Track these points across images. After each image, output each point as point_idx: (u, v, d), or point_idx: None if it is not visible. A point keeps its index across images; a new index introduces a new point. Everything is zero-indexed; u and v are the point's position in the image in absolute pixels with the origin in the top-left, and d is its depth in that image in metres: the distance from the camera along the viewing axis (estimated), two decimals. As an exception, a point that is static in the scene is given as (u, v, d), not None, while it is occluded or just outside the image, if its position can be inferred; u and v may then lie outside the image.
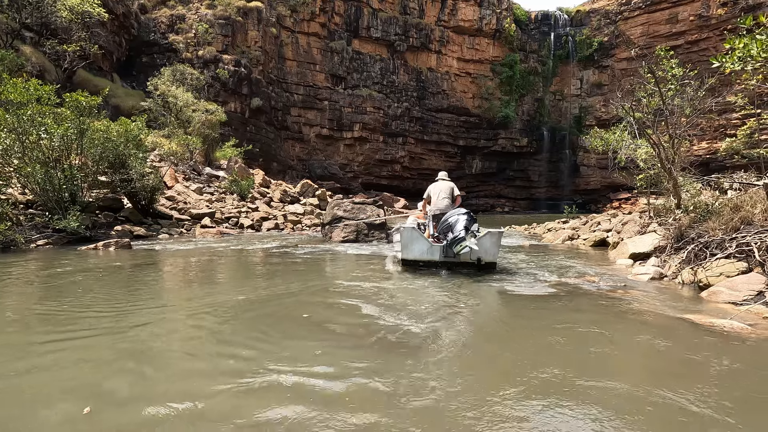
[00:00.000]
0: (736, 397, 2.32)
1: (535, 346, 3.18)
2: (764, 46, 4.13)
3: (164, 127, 21.29)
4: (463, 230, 6.09)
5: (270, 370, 2.58)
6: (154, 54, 29.78)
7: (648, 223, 8.85)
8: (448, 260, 6.37)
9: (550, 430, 1.95)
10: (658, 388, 2.38)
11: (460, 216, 6.32)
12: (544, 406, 2.16)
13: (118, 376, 2.53)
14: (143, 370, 2.61)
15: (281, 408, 2.13)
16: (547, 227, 15.26)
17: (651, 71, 7.77)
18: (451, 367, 2.68)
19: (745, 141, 15.64)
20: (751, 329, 3.44)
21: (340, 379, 2.48)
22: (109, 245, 9.05)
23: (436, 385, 2.40)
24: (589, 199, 43.49)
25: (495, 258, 6.38)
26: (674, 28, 38.84)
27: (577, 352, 3.01)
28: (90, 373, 2.59)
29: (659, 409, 2.14)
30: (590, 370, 2.67)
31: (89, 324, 3.60)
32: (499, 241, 6.36)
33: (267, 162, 31.87)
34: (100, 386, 2.40)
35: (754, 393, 2.40)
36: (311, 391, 2.31)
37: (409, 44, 42.48)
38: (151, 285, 5.43)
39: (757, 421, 2.07)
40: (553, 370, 2.61)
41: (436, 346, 3.06)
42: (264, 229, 15.06)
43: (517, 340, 3.36)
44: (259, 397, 2.24)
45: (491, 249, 6.29)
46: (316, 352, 2.92)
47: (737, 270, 4.79)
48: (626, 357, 3.03)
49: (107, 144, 11.46)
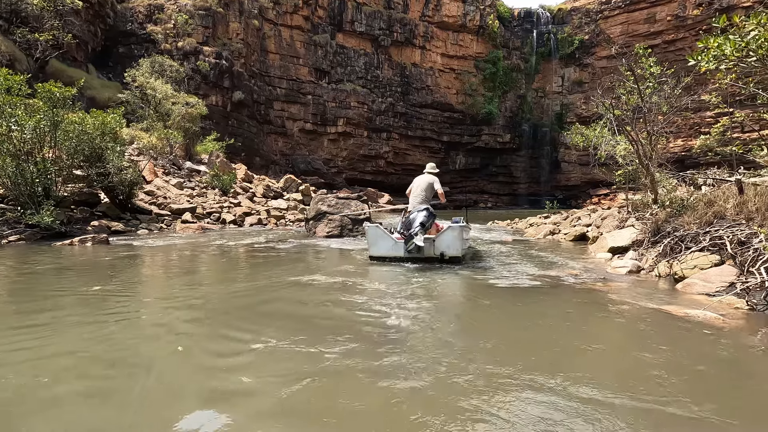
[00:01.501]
0: (705, 381, 2.41)
1: (514, 336, 3.23)
2: (736, 45, 4.26)
3: (143, 120, 20.75)
4: (419, 227, 6.34)
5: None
6: (131, 45, 28.95)
7: (626, 218, 9.07)
8: (411, 256, 6.53)
9: (527, 415, 1.98)
10: (633, 376, 2.45)
11: (419, 213, 6.58)
12: (518, 394, 2.20)
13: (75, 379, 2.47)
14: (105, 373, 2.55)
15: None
16: (529, 222, 15.49)
17: (630, 69, 7.93)
18: (428, 355, 2.70)
19: (718, 138, 16.16)
20: (723, 319, 3.57)
21: (316, 368, 2.47)
22: (86, 241, 8.79)
23: (412, 368, 2.42)
24: (570, 194, 44.30)
25: (458, 252, 6.42)
26: (652, 28, 39.76)
27: (555, 341, 3.07)
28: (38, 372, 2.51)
29: (634, 393, 2.20)
30: (568, 358, 2.72)
31: (52, 318, 3.50)
32: (461, 235, 6.39)
33: (249, 157, 31.42)
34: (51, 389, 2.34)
35: (722, 378, 2.49)
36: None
37: (394, 39, 42.38)
38: (129, 281, 5.30)
39: (721, 402, 2.17)
40: (531, 358, 2.66)
41: (414, 336, 3.07)
42: (247, 225, 14.86)
43: (495, 330, 3.41)
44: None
45: (453, 243, 6.38)
46: (295, 345, 2.90)
47: (710, 263, 4.95)
48: (603, 346, 3.11)
49: (82, 137, 11.10)
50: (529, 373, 2.46)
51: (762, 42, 4.10)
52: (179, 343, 2.98)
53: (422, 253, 6.47)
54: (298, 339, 3.04)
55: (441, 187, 7.08)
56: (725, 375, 2.56)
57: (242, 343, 2.96)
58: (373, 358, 2.68)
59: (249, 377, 2.40)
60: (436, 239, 6.46)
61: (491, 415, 1.99)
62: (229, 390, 2.24)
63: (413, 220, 6.54)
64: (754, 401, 2.24)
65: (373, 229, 6.82)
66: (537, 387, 2.28)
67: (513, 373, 2.47)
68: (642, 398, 2.17)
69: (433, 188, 7.04)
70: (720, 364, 2.72)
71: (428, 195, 7.02)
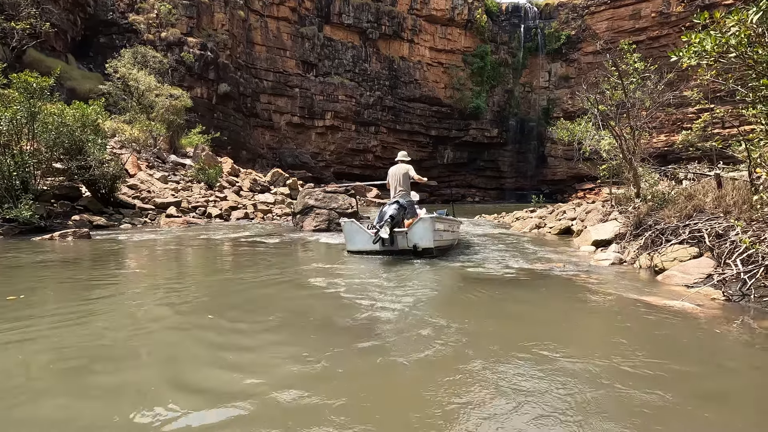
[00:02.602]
0: (681, 364, 2.49)
1: (498, 325, 3.27)
2: (717, 42, 4.33)
3: (125, 112, 20.27)
4: (388, 219, 6.44)
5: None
6: (112, 35, 28.20)
7: (610, 212, 9.23)
8: (386, 249, 6.59)
9: (512, 387, 2.02)
10: (613, 361, 2.51)
11: (390, 206, 6.69)
12: (501, 380, 2.23)
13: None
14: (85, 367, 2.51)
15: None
16: (516, 216, 15.65)
17: (615, 64, 8.03)
18: (413, 344, 2.72)
19: (699, 134, 16.47)
20: (700, 309, 3.67)
21: (302, 361, 2.47)
22: (67, 235, 8.59)
23: (398, 360, 2.43)
24: (556, 189, 44.82)
25: (431, 243, 6.41)
26: (637, 24, 40.25)
27: (538, 331, 3.11)
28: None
29: (613, 378, 2.25)
30: (551, 345, 2.77)
31: (32, 314, 3.42)
32: (432, 227, 6.37)
33: (236, 150, 31.02)
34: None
35: (696, 364, 2.57)
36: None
37: (382, 32, 42.10)
38: (112, 276, 5.21)
39: (696, 385, 2.28)
40: (516, 344, 2.70)
41: (400, 326, 3.09)
42: (233, 219, 14.71)
43: (478, 321, 3.45)
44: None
45: (425, 235, 6.38)
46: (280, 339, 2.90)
47: (689, 255, 5.07)
48: (585, 335, 3.17)
49: (62, 129, 10.80)
50: (507, 354, 2.49)
51: (741, 38, 4.18)
52: (177, 334, 2.95)
53: (396, 246, 6.54)
54: (283, 332, 3.03)
55: (416, 174, 7.21)
56: (699, 359, 2.63)
57: (228, 336, 2.94)
58: (354, 348, 2.68)
59: (234, 370, 2.38)
60: (409, 231, 6.47)
61: (478, 380, 2.02)
62: (212, 382, 2.23)
63: (384, 213, 6.64)
64: (707, 369, 2.32)
65: (349, 225, 6.94)
66: (515, 362, 2.32)
67: (493, 352, 2.50)
68: (610, 367, 2.23)
69: (409, 177, 7.13)
70: (694, 349, 2.80)
71: (407, 186, 7.12)
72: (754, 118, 6.24)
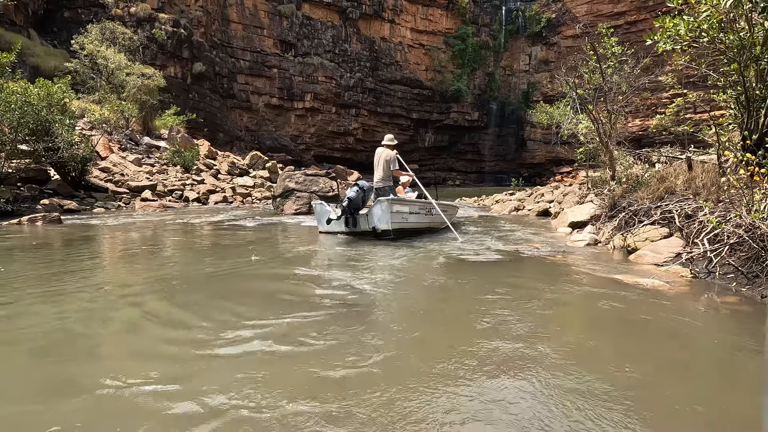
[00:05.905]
0: (648, 339, 2.61)
1: (476, 304, 3.35)
2: (690, 26, 4.42)
3: (94, 91, 19.38)
4: (346, 200, 6.74)
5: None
6: (77, 8, 26.69)
7: (586, 194, 9.45)
8: (350, 230, 6.95)
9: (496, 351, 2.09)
10: (582, 338, 2.62)
11: (351, 188, 6.94)
12: (479, 360, 2.30)
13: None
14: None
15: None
16: (495, 199, 15.87)
17: (593, 47, 8.10)
18: (395, 324, 2.77)
19: (672, 118, 16.91)
20: (669, 286, 3.83)
21: (286, 341, 2.49)
22: (36, 220, 8.28)
23: (378, 342, 2.48)
24: (535, 172, 45.45)
25: (388, 225, 6.49)
26: (616, 8, 40.50)
27: (515, 309, 3.20)
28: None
29: (581, 353, 2.35)
30: (528, 323, 2.86)
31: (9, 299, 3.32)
32: (389, 209, 6.44)
33: (212, 132, 30.19)
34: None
35: (663, 337, 2.70)
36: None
37: (362, 11, 41.15)
38: (85, 262, 5.07)
39: (659, 356, 2.40)
40: (491, 321, 2.78)
41: (382, 307, 3.13)
42: (211, 203, 14.43)
43: (458, 301, 3.52)
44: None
45: (383, 216, 6.51)
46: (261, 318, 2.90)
47: (660, 235, 5.27)
48: (559, 312, 3.28)
49: (26, 108, 10.27)
50: (475, 333, 2.57)
51: (713, 23, 4.27)
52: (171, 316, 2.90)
53: (359, 227, 6.85)
54: (262, 314, 3.03)
55: (397, 165, 7.39)
56: (666, 332, 2.77)
57: (205, 321, 2.92)
58: (332, 330, 2.71)
59: (210, 353, 2.38)
60: (368, 213, 6.67)
61: (455, 353, 2.08)
62: (186, 366, 2.22)
63: (345, 195, 6.93)
64: (672, 344, 2.45)
65: (320, 206, 7.47)
66: (484, 342, 2.39)
67: (463, 332, 2.57)
68: (578, 342, 2.33)
69: (389, 166, 7.27)
70: (661, 324, 2.94)
71: (386, 173, 7.33)
72: (725, 102, 6.43)
